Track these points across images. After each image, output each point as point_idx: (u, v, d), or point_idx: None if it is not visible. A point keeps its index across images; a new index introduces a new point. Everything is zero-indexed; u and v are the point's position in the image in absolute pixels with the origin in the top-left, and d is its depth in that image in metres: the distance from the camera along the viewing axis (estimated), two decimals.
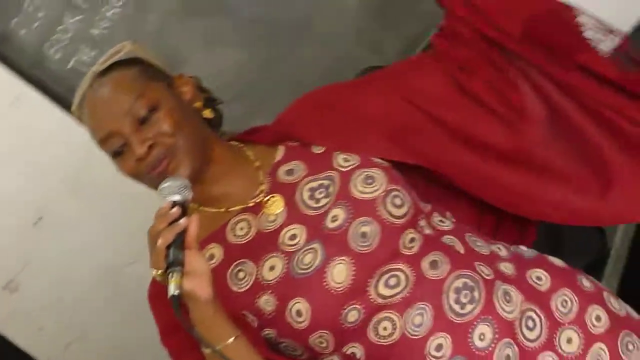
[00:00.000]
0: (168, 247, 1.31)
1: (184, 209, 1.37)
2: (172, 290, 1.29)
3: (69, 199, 2.68)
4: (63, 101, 2.51)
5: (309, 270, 1.44)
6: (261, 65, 2.48)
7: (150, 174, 1.47)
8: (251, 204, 1.52)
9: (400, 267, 1.45)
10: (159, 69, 1.54)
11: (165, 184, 1.41)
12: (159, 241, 1.31)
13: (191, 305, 1.34)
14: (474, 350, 1.43)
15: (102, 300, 2.71)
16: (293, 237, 1.47)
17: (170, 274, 1.30)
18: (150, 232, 1.34)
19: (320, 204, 1.49)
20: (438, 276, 1.45)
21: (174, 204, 1.36)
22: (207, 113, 1.56)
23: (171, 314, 1.30)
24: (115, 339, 2.61)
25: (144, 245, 1.48)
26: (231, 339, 1.37)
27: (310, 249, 1.46)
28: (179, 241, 1.32)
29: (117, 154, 1.48)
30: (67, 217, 2.69)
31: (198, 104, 1.55)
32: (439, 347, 1.43)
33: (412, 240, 1.48)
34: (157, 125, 1.46)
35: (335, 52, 2.50)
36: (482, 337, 1.44)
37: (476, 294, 1.44)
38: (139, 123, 1.46)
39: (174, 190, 1.39)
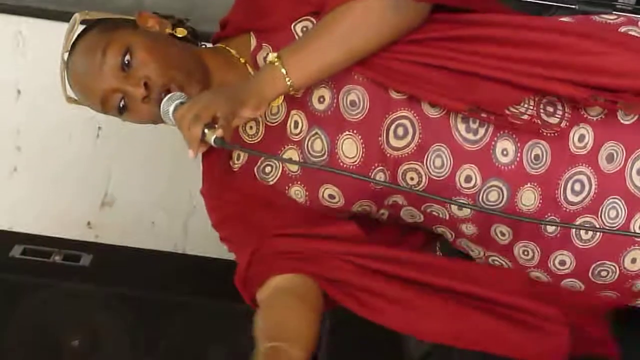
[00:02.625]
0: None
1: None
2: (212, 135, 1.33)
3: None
4: None
5: (324, 158, 1.49)
6: None
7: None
8: None
9: (402, 114, 1.46)
10: (115, 20, 1.54)
11: (165, 100, 1.42)
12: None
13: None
14: (501, 167, 1.45)
15: None
16: (296, 124, 1.51)
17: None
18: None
19: None
20: (440, 114, 1.45)
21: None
22: (181, 32, 1.54)
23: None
24: None
25: None
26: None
27: (314, 135, 1.49)
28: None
29: (124, 110, 1.47)
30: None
31: (168, 30, 1.53)
32: (468, 179, 1.47)
33: None
34: (142, 69, 1.44)
35: None
36: (504, 152, 1.46)
37: (482, 123, 1.45)
38: (122, 71, 1.45)
39: (175, 98, 1.41)
